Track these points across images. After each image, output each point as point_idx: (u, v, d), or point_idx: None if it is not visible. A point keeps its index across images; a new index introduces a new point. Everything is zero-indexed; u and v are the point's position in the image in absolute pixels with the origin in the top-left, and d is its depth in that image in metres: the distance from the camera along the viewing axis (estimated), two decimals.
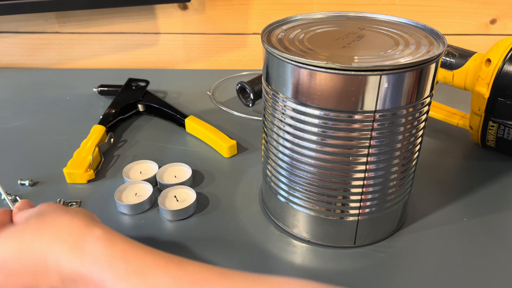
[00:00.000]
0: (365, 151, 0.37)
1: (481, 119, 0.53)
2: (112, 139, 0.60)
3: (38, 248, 0.31)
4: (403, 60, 0.34)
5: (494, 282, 0.39)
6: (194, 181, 0.53)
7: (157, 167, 0.53)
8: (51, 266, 0.30)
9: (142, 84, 0.71)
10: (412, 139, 0.39)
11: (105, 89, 0.72)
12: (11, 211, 0.38)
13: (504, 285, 0.39)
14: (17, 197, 0.49)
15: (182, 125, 0.63)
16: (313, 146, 0.37)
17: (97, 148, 0.55)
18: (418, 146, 0.41)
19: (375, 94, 0.34)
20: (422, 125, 0.39)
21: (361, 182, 0.39)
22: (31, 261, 0.31)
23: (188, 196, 0.49)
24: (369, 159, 0.37)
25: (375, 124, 0.36)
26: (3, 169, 0.55)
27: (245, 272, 0.28)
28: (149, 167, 0.54)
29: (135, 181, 0.51)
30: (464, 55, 0.55)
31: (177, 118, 0.64)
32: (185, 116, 0.63)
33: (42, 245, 0.31)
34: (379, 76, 0.33)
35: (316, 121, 0.36)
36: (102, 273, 0.28)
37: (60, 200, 0.49)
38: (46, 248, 0.30)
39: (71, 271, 0.29)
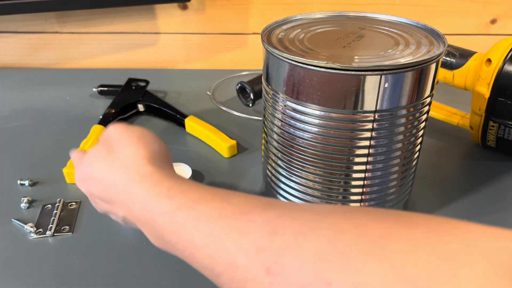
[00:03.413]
0: (365, 151, 0.37)
1: (482, 119, 0.53)
2: None
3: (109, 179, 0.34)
4: (403, 60, 0.34)
5: None
6: None
7: None
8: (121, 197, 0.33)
9: (142, 84, 0.71)
10: (412, 139, 0.39)
11: (105, 89, 0.72)
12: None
13: None
14: None
15: (182, 125, 0.63)
16: (313, 146, 0.37)
17: None
18: (419, 146, 0.41)
19: (375, 94, 0.34)
20: (422, 125, 0.39)
21: (361, 182, 0.39)
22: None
23: None
24: (369, 159, 0.37)
25: (375, 124, 0.35)
26: (3, 169, 0.55)
27: (292, 202, 0.27)
28: None
29: None
30: (464, 55, 0.55)
31: (177, 118, 0.64)
32: (185, 116, 0.63)
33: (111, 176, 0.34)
34: (379, 76, 0.33)
35: (316, 121, 0.36)
36: (150, 213, 0.30)
37: (60, 200, 0.49)
38: (113, 179, 0.34)
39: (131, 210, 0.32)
